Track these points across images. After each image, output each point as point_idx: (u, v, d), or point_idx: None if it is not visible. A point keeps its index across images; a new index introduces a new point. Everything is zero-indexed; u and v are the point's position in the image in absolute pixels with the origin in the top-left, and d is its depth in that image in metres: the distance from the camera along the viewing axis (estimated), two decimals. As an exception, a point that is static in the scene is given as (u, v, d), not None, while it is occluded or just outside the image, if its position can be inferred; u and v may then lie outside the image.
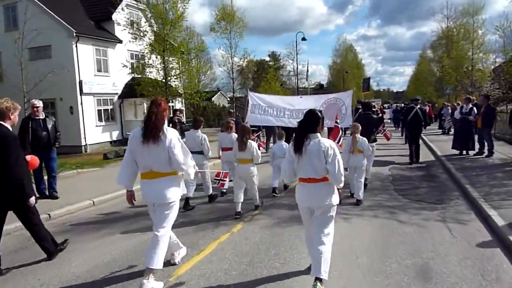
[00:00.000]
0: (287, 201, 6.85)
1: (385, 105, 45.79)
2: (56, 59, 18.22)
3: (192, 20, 45.79)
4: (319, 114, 3.35)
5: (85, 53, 18.32)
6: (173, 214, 3.61)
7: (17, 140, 3.99)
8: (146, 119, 3.46)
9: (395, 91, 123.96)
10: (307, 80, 32.71)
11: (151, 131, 3.39)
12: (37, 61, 18.77)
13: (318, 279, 3.13)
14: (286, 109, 8.74)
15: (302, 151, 3.25)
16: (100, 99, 19.26)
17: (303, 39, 29.81)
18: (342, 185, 3.33)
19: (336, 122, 7.29)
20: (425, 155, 12.10)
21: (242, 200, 6.01)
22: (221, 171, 5.90)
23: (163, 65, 16.36)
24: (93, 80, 18.56)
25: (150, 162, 3.46)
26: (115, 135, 20.43)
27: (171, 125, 9.31)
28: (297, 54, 33.99)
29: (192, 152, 5.14)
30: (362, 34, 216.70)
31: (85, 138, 18.62)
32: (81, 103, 18.48)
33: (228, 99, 59.43)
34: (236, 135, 6.90)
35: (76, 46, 18.00)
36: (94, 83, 18.73)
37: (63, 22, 17.70)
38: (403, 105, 31.78)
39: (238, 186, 6.06)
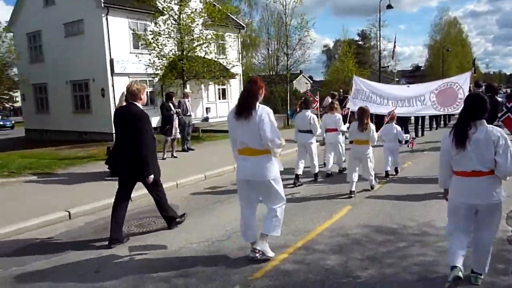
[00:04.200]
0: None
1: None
2: (88, 35, 18.56)
3: None
4: (484, 97, 3.38)
5: (117, 27, 18.20)
6: (278, 187, 4.09)
7: (149, 119, 4.83)
8: (240, 96, 4.04)
9: (508, 73, 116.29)
10: (393, 59, 28.66)
11: (243, 108, 3.88)
12: (72, 37, 19.40)
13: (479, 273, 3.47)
14: (390, 96, 9.50)
15: (466, 143, 3.23)
16: (137, 80, 17.11)
17: (389, 6, 25.33)
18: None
19: None
20: None
21: (356, 180, 6.76)
22: None
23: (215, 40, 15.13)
24: (127, 58, 17.66)
25: (245, 138, 3.97)
26: (155, 121, 18.21)
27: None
28: (380, 26, 29.35)
29: (301, 131, 7.55)
30: (471, 10, 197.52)
31: None
32: (113, 85, 18.35)
33: (311, 82, 57.65)
34: (339, 116, 8.22)
35: (107, 19, 17.58)
36: (129, 62, 18.17)
37: (91, -11, 18.08)
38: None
39: (352, 166, 6.86)
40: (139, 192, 6.65)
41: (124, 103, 5.54)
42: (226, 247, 4.52)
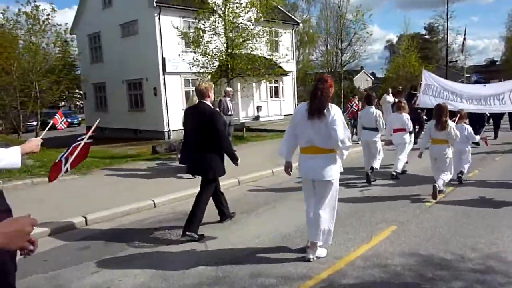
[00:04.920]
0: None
1: None
2: (142, 35, 18.88)
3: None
4: None
5: (169, 26, 17.74)
6: (334, 191, 4.08)
7: (221, 116, 5.26)
8: (312, 95, 3.94)
9: None
10: (462, 53, 26.22)
11: (316, 107, 3.84)
12: (127, 38, 19.93)
13: None
14: (464, 94, 9.00)
15: None
16: (188, 79, 17.73)
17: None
18: None
19: None
20: None
21: (440, 179, 6.34)
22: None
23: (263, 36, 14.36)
24: (179, 57, 16.85)
25: (313, 137, 3.94)
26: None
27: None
28: (448, 17, 26.80)
29: (366, 128, 7.49)
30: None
31: (168, 123, 18.62)
32: (164, 84, 18.46)
33: (372, 78, 56.14)
34: (407, 115, 7.84)
35: (159, 18, 17.01)
36: (180, 61, 17.01)
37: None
38: None
39: (434, 167, 6.61)
40: (163, 198, 6.31)
41: (194, 103, 6.05)
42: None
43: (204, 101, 4.97)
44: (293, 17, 26.60)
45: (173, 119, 18.00)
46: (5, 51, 15.64)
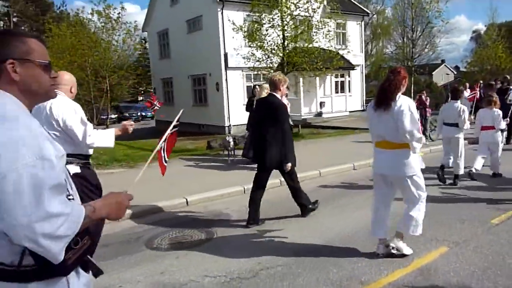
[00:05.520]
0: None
1: None
2: (206, 30, 19.03)
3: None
4: None
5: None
6: (418, 183, 3.84)
7: (286, 109, 5.09)
8: (380, 86, 3.91)
9: None
10: None
11: (383, 98, 3.76)
12: (193, 33, 20.23)
13: None
14: None
15: None
16: (250, 74, 17.16)
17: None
18: None
19: None
20: None
21: None
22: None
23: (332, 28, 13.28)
24: (241, 52, 16.57)
25: (382, 130, 3.85)
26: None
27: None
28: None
29: (446, 124, 6.82)
30: None
31: (229, 118, 18.60)
32: (226, 79, 18.47)
33: (455, 72, 52.45)
34: (499, 111, 7.13)
35: (222, 13, 17.45)
36: (242, 56, 16.82)
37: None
38: None
39: None
40: (195, 196, 6.10)
41: (264, 95, 6.12)
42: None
43: (275, 94, 4.97)
44: (362, 7, 25.10)
45: (234, 114, 18.06)
46: (81, 48, 16.84)
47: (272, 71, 13.95)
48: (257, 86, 10.51)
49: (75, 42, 16.58)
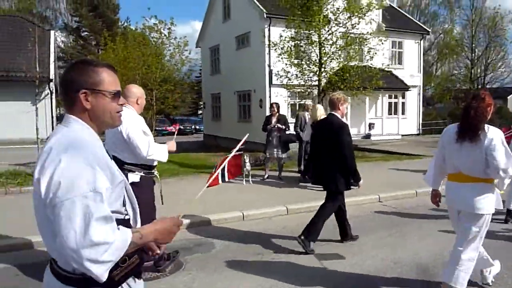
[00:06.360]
0: None
1: None
2: (254, 47, 18.96)
3: None
4: None
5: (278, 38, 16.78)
6: (483, 228, 3.48)
7: (348, 129, 4.85)
8: (463, 114, 3.51)
9: None
10: None
11: (468, 129, 3.39)
12: (241, 50, 20.33)
13: None
14: None
15: None
16: (294, 92, 16.69)
17: None
18: None
19: None
20: None
21: None
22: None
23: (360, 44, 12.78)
24: (286, 69, 16.33)
25: (461, 163, 3.50)
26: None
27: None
28: None
29: None
30: None
31: None
32: (270, 96, 18.16)
33: None
34: None
35: (269, 29, 17.37)
36: (287, 73, 16.50)
37: (255, 1, 17.98)
38: None
39: None
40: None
41: (318, 117, 6.35)
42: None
43: (334, 113, 4.90)
44: (422, 25, 23.56)
45: (275, 132, 17.62)
46: (134, 62, 17.51)
47: (308, 89, 13.37)
48: (307, 105, 10.13)
49: (127, 55, 17.29)
